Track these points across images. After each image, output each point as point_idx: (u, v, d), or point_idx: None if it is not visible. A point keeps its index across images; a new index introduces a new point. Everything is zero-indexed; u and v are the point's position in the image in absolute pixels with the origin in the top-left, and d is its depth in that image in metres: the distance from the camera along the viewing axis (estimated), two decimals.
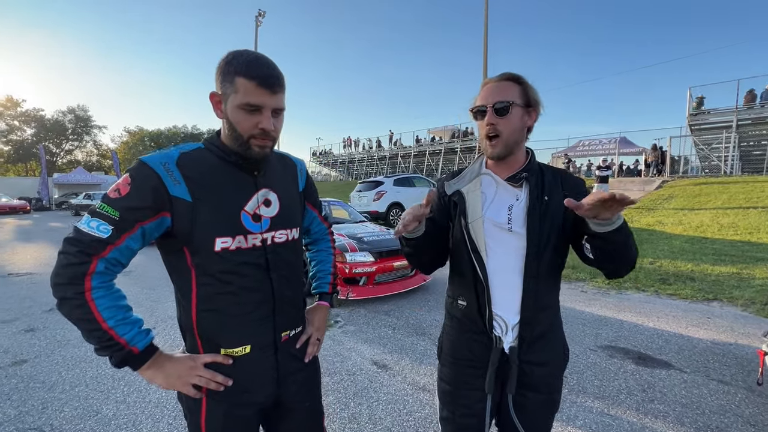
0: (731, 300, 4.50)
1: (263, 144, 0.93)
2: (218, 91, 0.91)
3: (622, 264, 0.99)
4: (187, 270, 0.93)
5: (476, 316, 1.10)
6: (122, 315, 0.87)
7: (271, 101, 0.90)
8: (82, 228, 0.85)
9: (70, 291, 0.83)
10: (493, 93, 1.05)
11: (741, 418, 2.28)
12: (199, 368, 0.94)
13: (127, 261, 0.90)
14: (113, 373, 2.87)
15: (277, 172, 1.07)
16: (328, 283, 1.29)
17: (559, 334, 1.16)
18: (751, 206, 9.53)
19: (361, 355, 3.19)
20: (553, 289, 1.12)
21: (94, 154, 49.36)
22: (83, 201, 20.31)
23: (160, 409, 2.41)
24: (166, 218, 0.89)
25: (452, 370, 1.17)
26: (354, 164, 32.38)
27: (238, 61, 0.87)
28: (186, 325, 0.98)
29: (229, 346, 0.97)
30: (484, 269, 1.07)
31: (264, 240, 0.99)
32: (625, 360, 3.07)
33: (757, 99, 14.91)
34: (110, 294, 0.87)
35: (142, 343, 0.89)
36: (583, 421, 2.26)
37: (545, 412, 1.13)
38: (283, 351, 1.05)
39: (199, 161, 0.94)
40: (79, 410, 2.40)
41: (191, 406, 0.98)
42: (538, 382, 1.09)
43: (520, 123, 1.06)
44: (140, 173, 0.88)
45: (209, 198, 0.92)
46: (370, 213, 10.90)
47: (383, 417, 2.34)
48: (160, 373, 0.92)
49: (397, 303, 4.59)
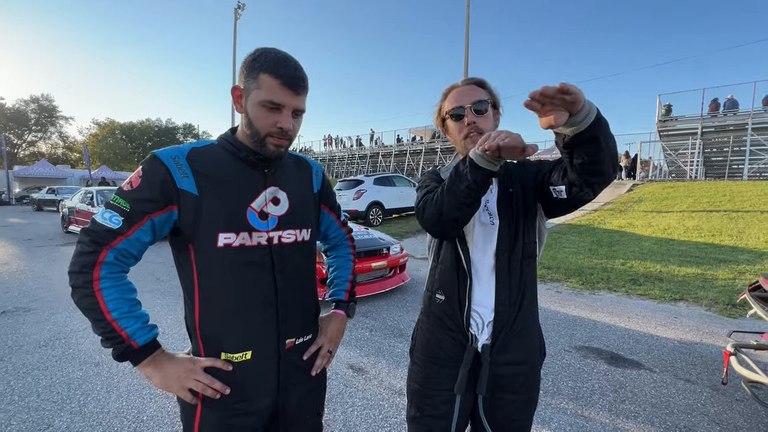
0: (696, 300, 4.68)
1: (279, 143, 0.92)
2: (240, 86, 0.91)
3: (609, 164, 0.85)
4: (191, 268, 0.93)
5: (454, 311, 1.09)
6: (127, 308, 0.87)
7: (293, 101, 0.90)
8: (96, 219, 0.88)
9: (80, 280, 0.85)
10: (466, 95, 1.09)
11: (707, 417, 2.34)
12: (198, 372, 0.92)
13: (138, 254, 0.91)
14: (69, 382, 2.68)
15: (289, 172, 1.05)
16: (345, 290, 1.22)
17: (535, 331, 1.14)
18: (714, 210, 10.02)
19: (337, 358, 3.11)
20: (527, 284, 1.09)
21: (59, 147, 46.88)
22: (46, 195, 19.24)
23: (119, 419, 2.26)
24: (173, 211, 0.90)
25: (423, 368, 1.15)
26: (335, 163, 32.11)
27: (266, 58, 0.87)
28: (191, 325, 0.97)
29: (230, 350, 0.95)
30: (469, 260, 1.07)
31: (270, 239, 0.97)
32: (598, 360, 3.12)
33: (720, 108, 15.72)
34: (118, 286, 0.87)
35: (143, 339, 0.88)
36: (557, 423, 2.27)
37: (523, 412, 1.12)
38: (287, 360, 1.00)
39: (209, 156, 0.94)
40: (28, 423, 2.22)
41: (187, 410, 0.96)
42: (513, 381, 1.08)
43: (494, 122, 1.12)
44: (151, 167, 0.89)
45: (215, 192, 0.92)
46: (349, 212, 10.80)
47: (358, 423, 2.27)
48: (158, 373, 0.90)
49: (375, 304, 4.53)
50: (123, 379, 2.73)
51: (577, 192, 0.92)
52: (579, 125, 0.77)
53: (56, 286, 5.31)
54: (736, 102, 15.45)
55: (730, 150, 16.09)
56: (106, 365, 2.94)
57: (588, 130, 0.77)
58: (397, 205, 12.07)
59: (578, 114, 0.75)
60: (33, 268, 6.43)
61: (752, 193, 11.05)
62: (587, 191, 0.91)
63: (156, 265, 6.43)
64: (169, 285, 5.35)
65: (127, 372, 2.83)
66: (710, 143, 16.66)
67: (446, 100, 1.12)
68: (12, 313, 4.14)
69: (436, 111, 1.17)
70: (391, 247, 5.06)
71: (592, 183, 0.89)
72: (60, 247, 8.60)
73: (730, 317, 4.15)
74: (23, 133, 42.89)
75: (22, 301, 4.59)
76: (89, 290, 0.84)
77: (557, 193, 0.97)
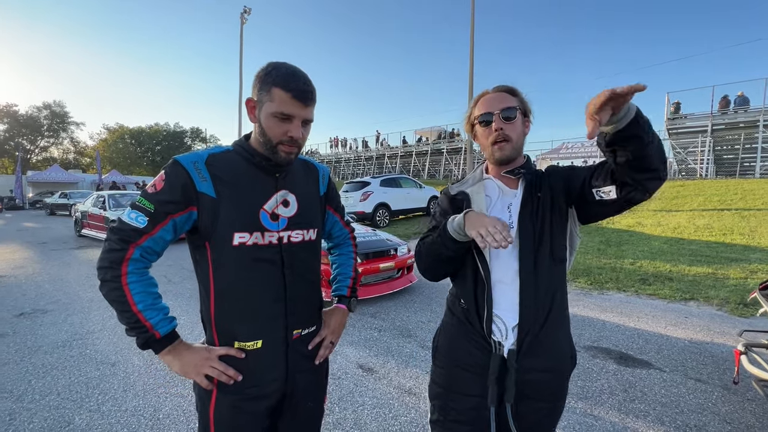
0: (707, 300, 4.64)
1: (290, 150, 1.00)
2: (254, 98, 0.99)
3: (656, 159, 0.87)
4: (207, 264, 1.01)
5: (475, 318, 1.09)
6: (151, 301, 0.96)
7: (303, 113, 0.98)
8: (123, 218, 0.96)
9: (109, 274, 0.93)
10: (496, 102, 1.10)
11: (718, 416, 2.34)
12: (214, 360, 0.99)
13: (161, 250, 1.00)
14: (87, 381, 2.76)
15: (298, 176, 1.13)
16: (347, 286, 1.31)
17: (564, 337, 1.11)
18: (725, 208, 9.89)
19: (347, 358, 3.15)
20: (555, 289, 1.07)
21: (71, 152, 47.70)
22: (59, 200, 19.57)
23: (136, 417, 2.32)
24: (193, 212, 0.98)
25: (447, 371, 1.14)
26: (341, 164, 32.24)
27: (277, 73, 0.95)
28: (206, 317, 1.05)
29: (243, 339, 1.02)
30: (487, 269, 1.07)
31: (280, 238, 1.04)
32: (607, 360, 3.12)
33: (731, 105, 15.50)
34: (143, 280, 0.96)
35: (165, 329, 0.97)
36: (567, 422, 2.28)
37: (547, 420, 1.10)
38: (294, 349, 1.08)
39: (225, 162, 1.02)
40: (49, 421, 2.29)
41: (202, 396, 1.03)
42: (540, 389, 1.06)
43: (522, 129, 1.12)
44: (173, 171, 0.97)
45: (231, 195, 0.99)
46: (356, 214, 10.85)
47: (368, 422, 2.31)
48: (178, 360, 0.98)
49: (383, 305, 4.56)
50: (139, 378, 2.80)
51: (630, 191, 0.92)
52: (619, 123, 0.81)
53: (72, 288, 5.44)
54: (747, 99, 15.22)
55: (741, 147, 15.86)
56: (122, 365, 3.02)
57: (628, 127, 0.81)
58: (404, 207, 12.09)
59: (619, 112, 0.79)
60: (49, 270, 6.58)
61: (764, 191, 10.86)
62: (640, 189, 0.91)
63: (167, 267, 6.54)
64: (181, 287, 5.44)
65: (143, 372, 2.90)
66: (721, 141, 16.43)
67: (476, 107, 1.14)
68: (30, 315, 4.25)
69: (466, 117, 1.19)
70: (398, 248, 5.09)
71: (642, 180, 0.89)
72: (74, 250, 8.78)
73: (741, 316, 4.11)
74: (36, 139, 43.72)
75: (39, 303, 4.71)
76: (117, 284, 0.92)
77: (603, 195, 0.97)
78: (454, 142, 23.79)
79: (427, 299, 4.82)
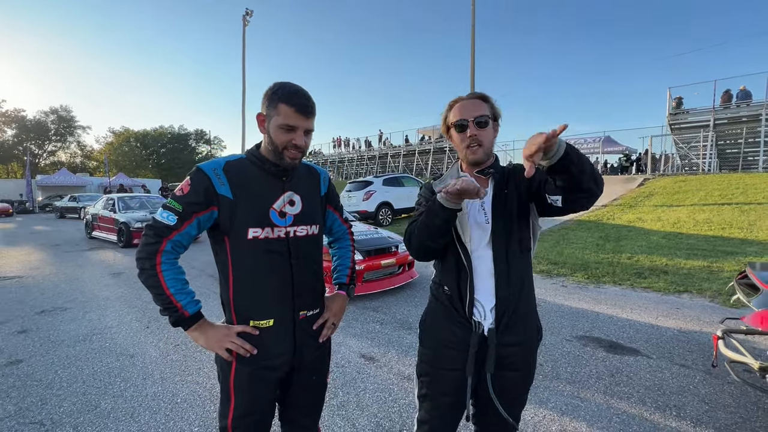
0: (700, 292, 4.77)
1: (294, 156, 1.18)
2: (263, 112, 1.18)
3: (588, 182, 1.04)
4: (226, 255, 1.19)
5: (458, 302, 1.24)
6: (180, 286, 1.15)
7: (304, 124, 1.16)
8: (157, 217, 1.15)
9: (147, 263, 1.12)
10: (469, 109, 1.23)
11: (697, 397, 2.49)
12: (233, 336, 1.18)
13: (188, 243, 1.19)
14: (109, 371, 2.97)
15: (302, 179, 1.31)
16: (346, 275, 1.51)
17: (533, 314, 1.29)
18: (726, 202, 9.95)
19: (350, 348, 3.34)
20: (523, 274, 1.24)
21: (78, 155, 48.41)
22: (68, 203, 19.95)
23: (156, 402, 2.53)
24: (214, 211, 1.16)
25: (433, 351, 1.30)
26: (344, 164, 32.47)
27: (283, 92, 1.14)
28: (225, 300, 1.23)
29: (257, 318, 1.20)
30: (468, 258, 1.22)
31: (287, 233, 1.22)
32: (597, 348, 3.27)
33: (733, 99, 15.47)
34: (173, 269, 1.15)
35: (193, 309, 1.16)
36: (554, 404, 2.45)
37: (521, 387, 1.28)
38: (300, 327, 1.26)
39: (240, 168, 1.20)
40: (78, 405, 2.50)
41: (224, 367, 1.21)
42: (515, 360, 1.23)
43: (493, 134, 1.27)
44: (197, 176, 1.16)
45: (246, 197, 1.18)
46: (359, 213, 11.04)
47: (370, 404, 2.49)
48: (203, 336, 1.17)
49: (384, 300, 4.74)
50: (156, 368, 3.01)
51: (571, 203, 1.11)
52: (551, 159, 0.98)
53: (87, 287, 5.68)
54: (749, 93, 15.19)
55: (743, 142, 15.83)
56: (140, 357, 3.23)
57: (559, 162, 0.98)
58: (406, 205, 12.25)
59: (549, 152, 0.96)
60: (64, 271, 6.84)
61: (766, 184, 10.90)
62: (578, 204, 1.11)
63: None
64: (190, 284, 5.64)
65: (160, 362, 3.11)
66: (723, 135, 16.40)
67: (451, 112, 1.26)
68: (50, 312, 4.49)
69: (442, 119, 1.31)
70: (399, 245, 5.26)
71: (577, 198, 1.09)
72: (86, 252, 9.05)
73: (732, 307, 4.23)
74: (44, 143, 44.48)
75: (57, 301, 4.95)
76: (153, 272, 1.12)
77: (553, 201, 1.14)
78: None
79: (427, 293, 4.94)
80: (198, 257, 7.41)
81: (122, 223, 9.52)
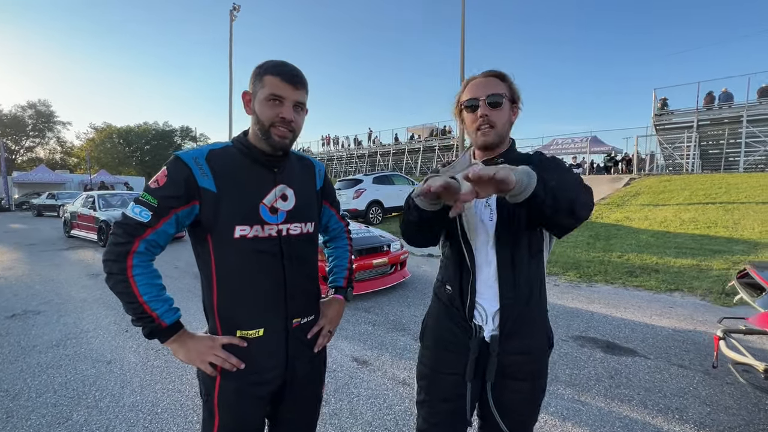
0: (691, 290, 4.79)
1: (282, 134, 1.03)
2: (249, 90, 1.05)
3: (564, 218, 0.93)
4: (209, 256, 1.04)
5: (459, 302, 1.13)
6: (156, 292, 1.00)
7: (293, 95, 1.02)
8: (128, 213, 0.99)
9: (115, 267, 0.96)
10: (483, 87, 1.09)
11: (698, 399, 2.44)
12: (217, 348, 1.03)
13: (164, 243, 1.04)
14: (83, 379, 2.78)
15: (295, 171, 1.17)
16: (343, 277, 1.36)
17: (542, 321, 1.17)
18: (710, 202, 10.13)
19: (342, 351, 3.21)
20: (532, 279, 1.11)
21: (57, 152, 46.83)
22: (46, 201, 19.26)
23: (134, 412, 2.35)
24: (195, 206, 1.01)
25: (433, 353, 1.19)
26: (333, 162, 32.17)
27: (268, 64, 1.02)
28: (208, 307, 1.08)
29: (245, 328, 1.06)
30: (472, 257, 1.10)
31: (279, 231, 1.08)
32: (595, 349, 3.22)
33: (716, 101, 15.82)
34: (148, 273, 0.99)
35: (170, 319, 1.01)
36: (555, 408, 2.36)
37: (529, 398, 1.14)
38: (294, 336, 1.12)
39: (225, 157, 1.05)
40: (47, 417, 2.31)
41: (207, 382, 1.07)
42: (520, 369, 1.11)
43: (508, 116, 1.12)
44: (175, 167, 1.00)
45: (232, 190, 1.03)
46: (349, 211, 10.89)
47: (364, 411, 2.37)
48: (183, 348, 1.02)
49: (377, 300, 4.62)
50: (135, 375, 2.83)
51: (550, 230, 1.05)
52: (516, 198, 0.86)
53: (63, 289, 5.40)
54: (731, 94, 15.55)
55: (726, 142, 16.20)
56: (118, 363, 3.03)
57: (525, 201, 0.86)
58: (397, 204, 12.14)
59: (512, 191, 0.83)
60: (39, 272, 6.51)
61: (748, 184, 11.15)
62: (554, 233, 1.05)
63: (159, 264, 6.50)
64: (172, 285, 5.43)
65: (139, 369, 2.92)
66: (706, 136, 16.76)
67: (464, 91, 1.13)
68: (21, 316, 4.23)
69: (455, 101, 1.18)
70: (391, 244, 5.15)
71: (551, 228, 1.02)
72: (63, 251, 8.68)
73: (724, 305, 4.26)
74: (21, 139, 42.85)
75: (31, 304, 4.68)
76: (123, 276, 0.96)
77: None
78: (447, 139, 23.88)
79: (420, 294, 4.89)
80: (181, 256, 7.16)
81: (102, 221, 9.15)
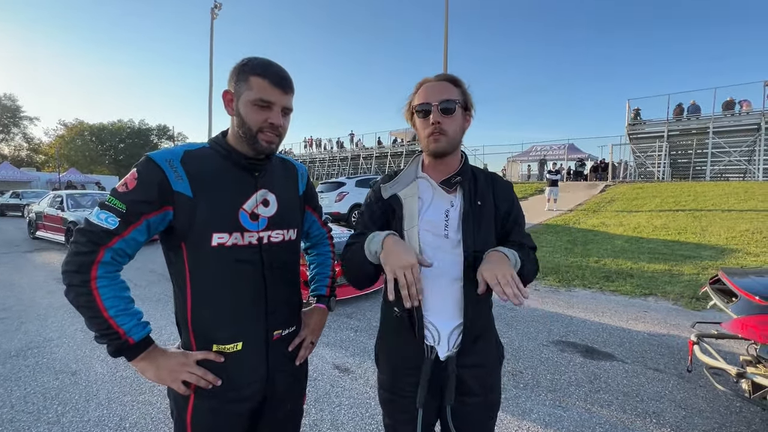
0: (664, 295, 4.94)
1: (270, 139, 0.98)
2: (231, 90, 0.97)
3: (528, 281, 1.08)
4: (183, 265, 0.97)
5: (408, 325, 1.06)
6: (123, 306, 0.91)
7: (282, 99, 0.97)
8: (92, 219, 0.90)
9: (76, 278, 0.87)
10: (436, 92, 1.04)
11: (674, 403, 2.50)
12: (191, 365, 0.95)
13: (133, 252, 0.95)
14: (44, 392, 2.60)
15: (277, 175, 1.10)
16: (326, 285, 1.30)
17: (492, 333, 1.16)
18: (680, 209, 10.57)
19: (323, 359, 3.13)
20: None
21: (23, 149, 44.58)
22: (10, 200, 18.24)
23: (100, 428, 2.21)
24: (169, 212, 0.93)
25: (390, 377, 1.14)
26: (315, 165, 31.90)
27: (254, 63, 0.95)
28: (182, 320, 1.01)
29: (222, 342, 0.99)
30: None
31: (260, 239, 1.02)
32: (574, 354, 3.26)
33: (684, 112, 16.59)
34: (114, 284, 0.91)
35: (139, 335, 0.92)
36: (537, 414, 2.37)
37: (484, 413, 1.12)
38: (274, 349, 1.06)
39: (202, 160, 0.98)
40: None
41: (178, 401, 0.99)
42: (473, 384, 1.08)
43: (461, 123, 1.08)
44: (146, 169, 0.92)
45: (209, 195, 0.96)
46: (332, 214, 10.78)
47: (345, 422, 2.30)
48: (152, 367, 0.94)
49: (359, 305, 4.56)
50: (102, 387, 2.67)
51: None
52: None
53: (26, 294, 5.09)
54: (699, 107, 16.35)
55: (693, 152, 17.00)
56: (84, 374, 2.86)
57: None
58: None
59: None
60: None
61: (714, 193, 11.71)
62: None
63: (133, 271, 6.24)
64: (148, 291, 5.22)
65: (107, 380, 2.76)
66: (676, 146, 17.55)
67: (416, 94, 1.08)
68: None
69: (407, 104, 1.12)
70: None
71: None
72: (27, 253, 8.22)
73: (695, 310, 4.41)
74: None
75: None
76: (86, 289, 0.87)
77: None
78: None
79: None
80: (157, 260, 6.89)
81: (71, 222, 8.72)
